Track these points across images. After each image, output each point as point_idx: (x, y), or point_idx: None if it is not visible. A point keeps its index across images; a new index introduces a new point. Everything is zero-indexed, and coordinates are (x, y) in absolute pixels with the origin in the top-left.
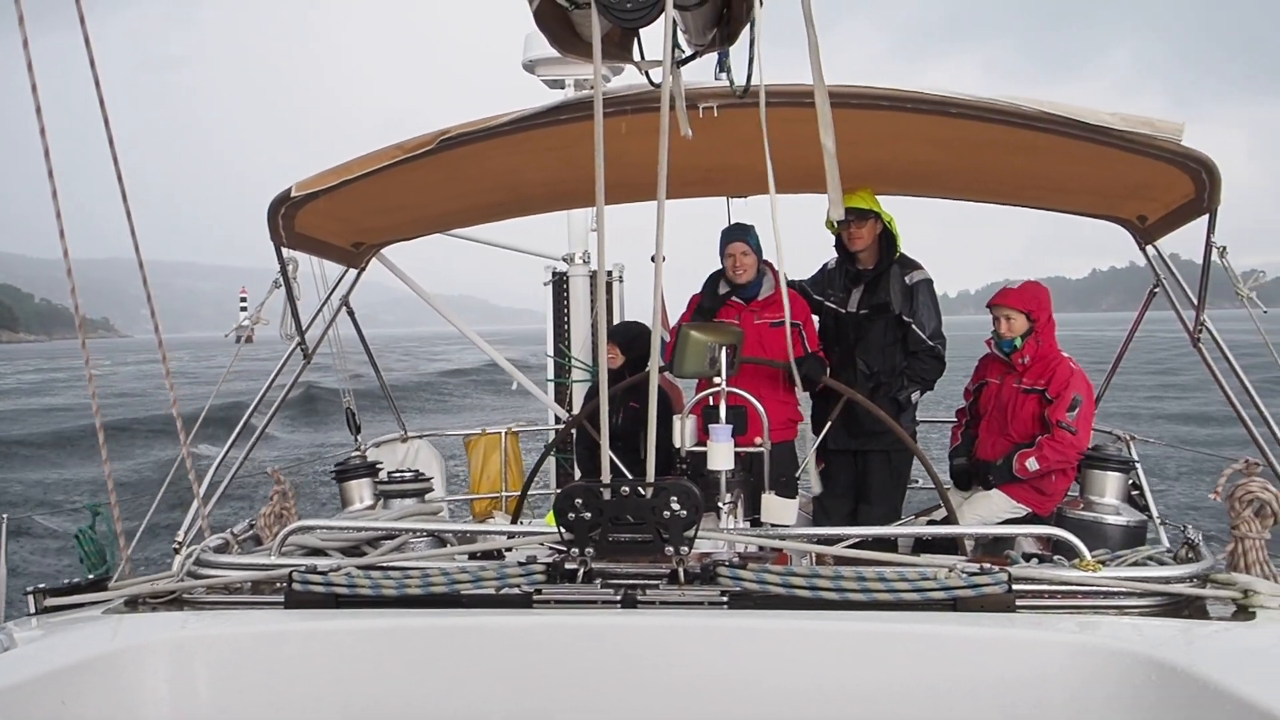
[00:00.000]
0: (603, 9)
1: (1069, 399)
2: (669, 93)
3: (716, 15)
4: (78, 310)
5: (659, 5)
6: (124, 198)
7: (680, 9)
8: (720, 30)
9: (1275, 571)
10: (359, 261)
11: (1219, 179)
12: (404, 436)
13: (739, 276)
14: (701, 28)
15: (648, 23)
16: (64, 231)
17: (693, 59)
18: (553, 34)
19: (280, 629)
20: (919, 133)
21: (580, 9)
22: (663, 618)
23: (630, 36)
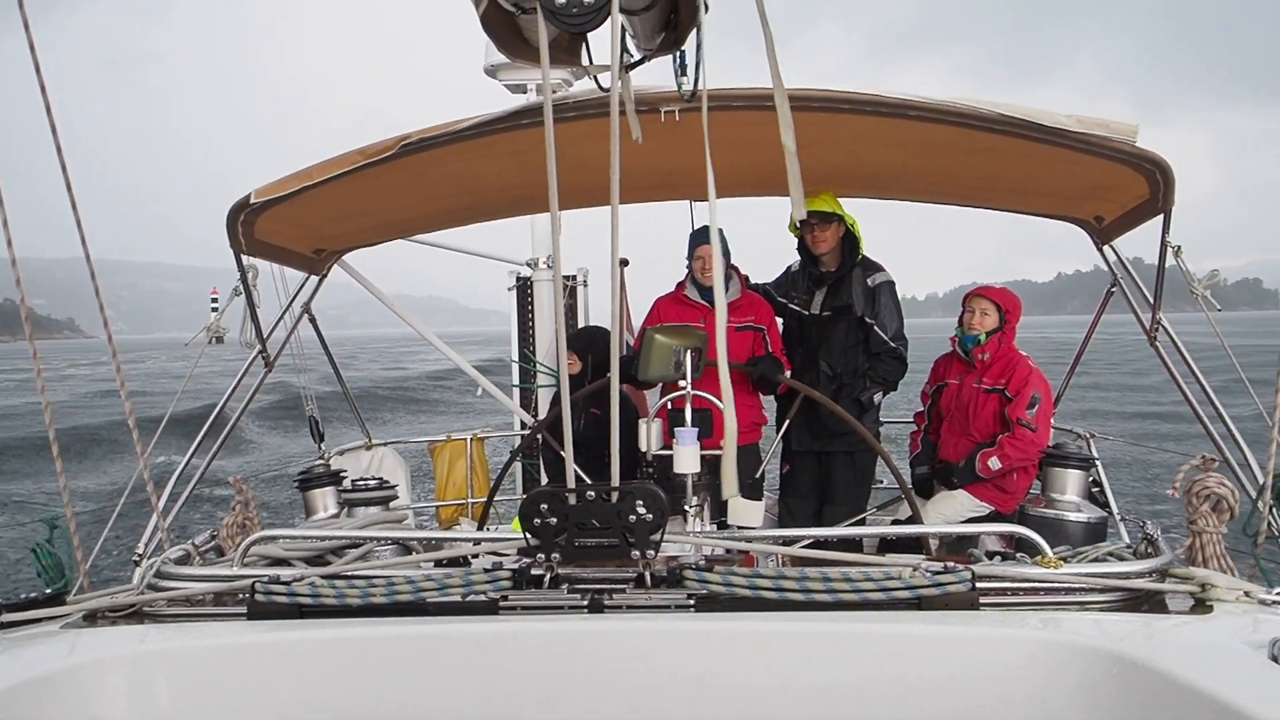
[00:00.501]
0: (548, 14)
1: (1028, 397)
2: (618, 97)
3: (664, 19)
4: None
5: (605, 9)
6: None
7: (627, 13)
8: (669, 34)
9: (1232, 566)
10: (320, 268)
11: (1173, 179)
12: (368, 444)
13: (707, 279)
14: (649, 32)
15: (594, 27)
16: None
17: (641, 63)
18: (500, 39)
19: (243, 641)
20: (879, 136)
21: (526, 14)
22: (629, 622)
23: (579, 41)
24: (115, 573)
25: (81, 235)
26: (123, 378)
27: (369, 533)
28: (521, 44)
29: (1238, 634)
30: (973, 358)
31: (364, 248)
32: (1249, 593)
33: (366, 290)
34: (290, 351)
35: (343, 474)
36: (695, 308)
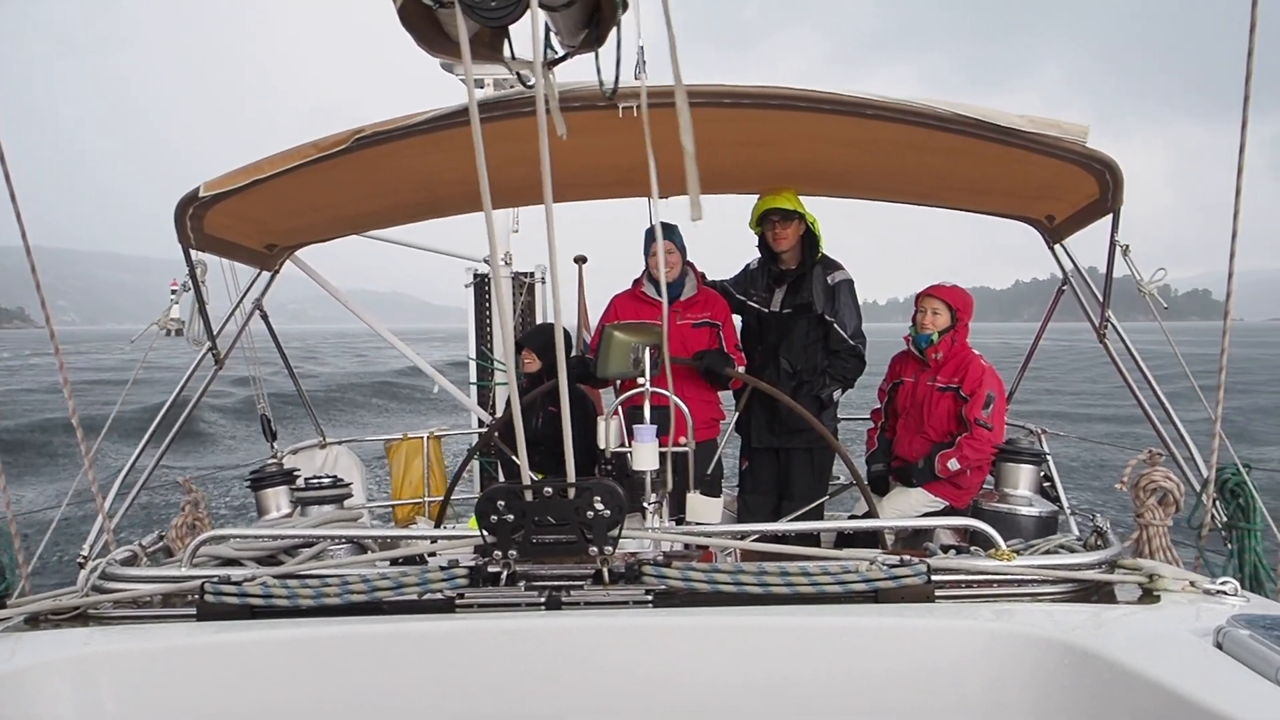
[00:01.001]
0: (466, 8)
1: (983, 397)
2: (544, 94)
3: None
4: None
5: (523, 3)
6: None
7: (547, 8)
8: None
9: (1178, 557)
10: (272, 264)
11: (1121, 179)
12: (323, 443)
13: (665, 276)
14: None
15: (512, 21)
16: None
17: (563, 60)
18: (420, 33)
19: (191, 643)
20: (837, 134)
21: (445, 8)
22: (587, 618)
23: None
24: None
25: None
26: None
27: (322, 531)
28: (443, 39)
29: (1184, 623)
30: (926, 356)
31: (318, 243)
32: (1194, 583)
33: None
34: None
35: (296, 473)
36: (653, 305)
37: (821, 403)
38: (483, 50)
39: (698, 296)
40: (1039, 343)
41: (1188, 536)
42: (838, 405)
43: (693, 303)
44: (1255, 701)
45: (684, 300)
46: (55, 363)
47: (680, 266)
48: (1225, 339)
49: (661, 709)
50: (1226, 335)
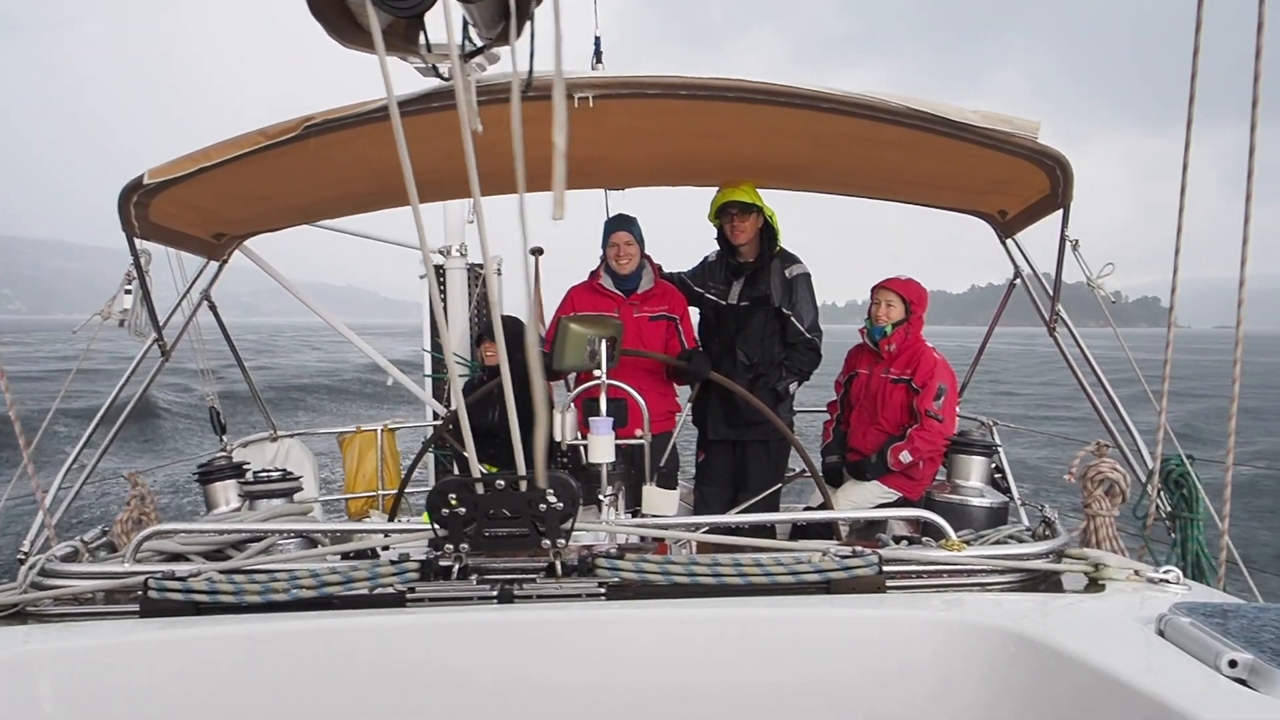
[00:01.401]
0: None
1: (934, 389)
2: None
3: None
4: None
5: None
6: None
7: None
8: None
9: (1123, 547)
10: (220, 253)
11: (1071, 175)
12: (273, 435)
13: (621, 267)
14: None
15: (423, 10)
16: None
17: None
18: (330, 23)
19: (134, 640)
20: (792, 127)
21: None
22: (539, 611)
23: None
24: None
25: None
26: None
27: (271, 525)
28: (355, 29)
29: (1128, 611)
30: (880, 348)
31: (267, 232)
32: (1138, 572)
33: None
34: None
35: (245, 466)
36: (610, 297)
37: (778, 395)
38: (397, 41)
39: (655, 290)
40: (992, 333)
41: (1135, 526)
42: (794, 398)
43: (650, 296)
44: (1193, 687)
45: (641, 293)
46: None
47: (638, 259)
48: (1170, 331)
49: (615, 701)
50: (1171, 329)
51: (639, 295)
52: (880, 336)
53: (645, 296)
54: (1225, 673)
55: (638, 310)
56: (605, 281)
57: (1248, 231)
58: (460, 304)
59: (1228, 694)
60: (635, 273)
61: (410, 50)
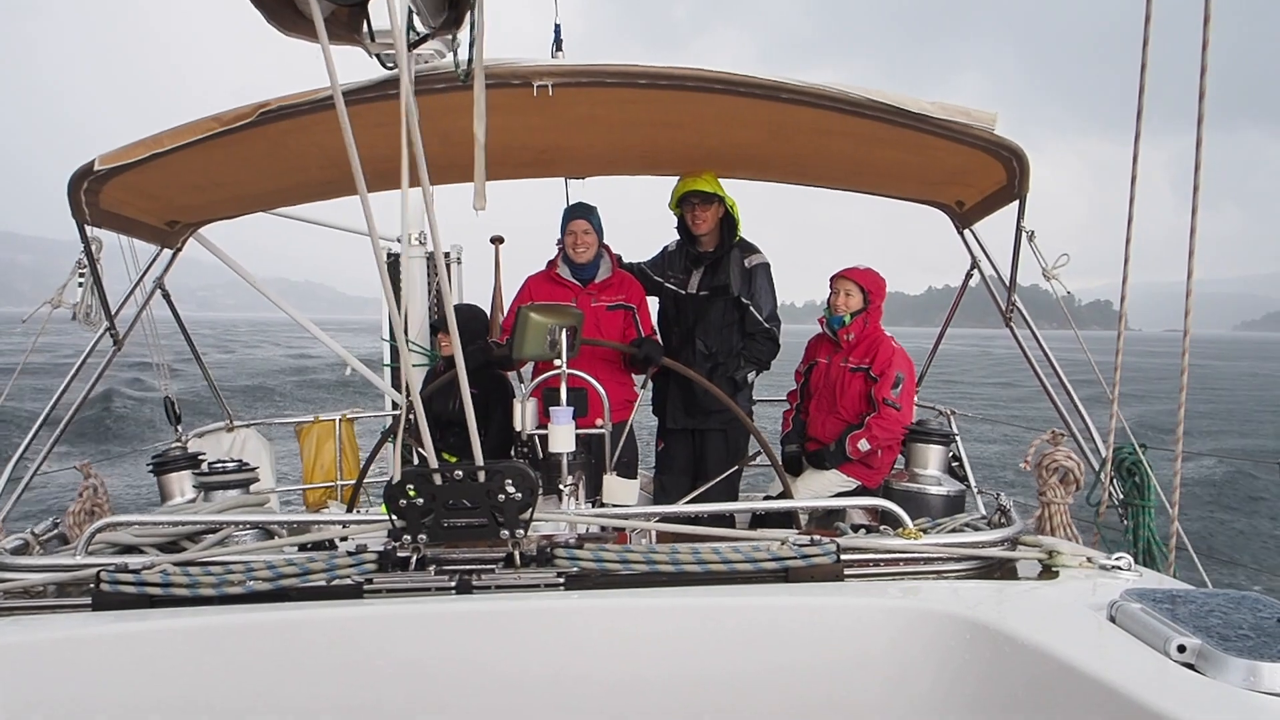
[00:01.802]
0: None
1: (892, 377)
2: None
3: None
4: None
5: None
6: None
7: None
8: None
9: (1077, 534)
10: (174, 241)
11: (1028, 166)
12: (230, 425)
13: (579, 255)
14: (434, 8)
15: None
16: None
17: (423, 41)
18: (270, 10)
19: (85, 633)
20: (753, 117)
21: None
22: (497, 602)
23: (359, 16)
24: None
25: None
26: None
27: (227, 516)
28: (294, 16)
29: (1080, 598)
30: (839, 338)
31: (222, 220)
32: (1091, 559)
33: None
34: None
35: (201, 456)
36: (567, 286)
37: (736, 384)
38: (340, 30)
39: (612, 279)
40: (949, 323)
41: (1089, 514)
42: (752, 387)
43: (607, 285)
44: (1142, 672)
45: (599, 282)
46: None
47: (596, 248)
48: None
49: (574, 691)
50: (1123, 319)
51: (596, 285)
52: (839, 326)
53: (603, 286)
54: (1174, 657)
55: (595, 299)
56: (562, 271)
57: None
58: (419, 293)
59: (1177, 678)
60: (593, 262)
61: (353, 39)
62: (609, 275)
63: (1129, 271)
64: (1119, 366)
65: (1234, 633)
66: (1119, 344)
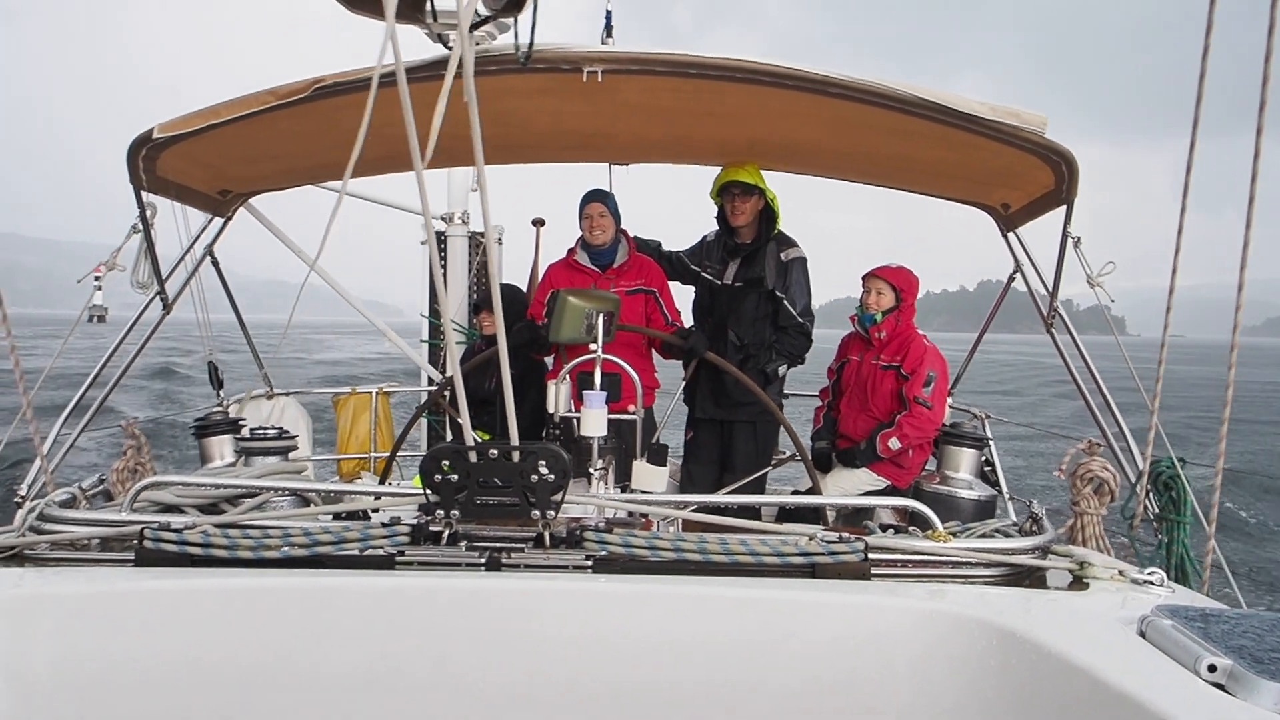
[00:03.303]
0: None
1: (924, 375)
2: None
3: None
4: None
5: None
6: None
7: None
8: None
9: (1109, 546)
10: (225, 210)
11: (1077, 172)
12: (270, 393)
13: (595, 238)
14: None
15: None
16: None
17: (485, 22)
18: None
19: (127, 588)
20: (801, 110)
21: None
22: (525, 581)
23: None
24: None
25: None
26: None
27: (266, 482)
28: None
29: (1110, 610)
30: (871, 336)
31: (272, 191)
32: (1123, 572)
33: (252, 276)
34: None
35: (241, 422)
36: (586, 272)
37: (766, 377)
38: (404, 9)
39: (630, 263)
40: (988, 328)
41: (1123, 526)
42: (783, 381)
43: (625, 269)
44: (1172, 689)
45: (616, 267)
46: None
47: (613, 231)
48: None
49: (596, 672)
50: (1166, 329)
51: (615, 269)
52: (870, 324)
53: (621, 270)
54: (1204, 677)
55: (614, 284)
56: (581, 257)
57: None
58: (460, 271)
59: (1205, 698)
60: (611, 246)
61: (416, 19)
62: (627, 259)
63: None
64: (1160, 378)
65: (1267, 655)
66: (1161, 354)
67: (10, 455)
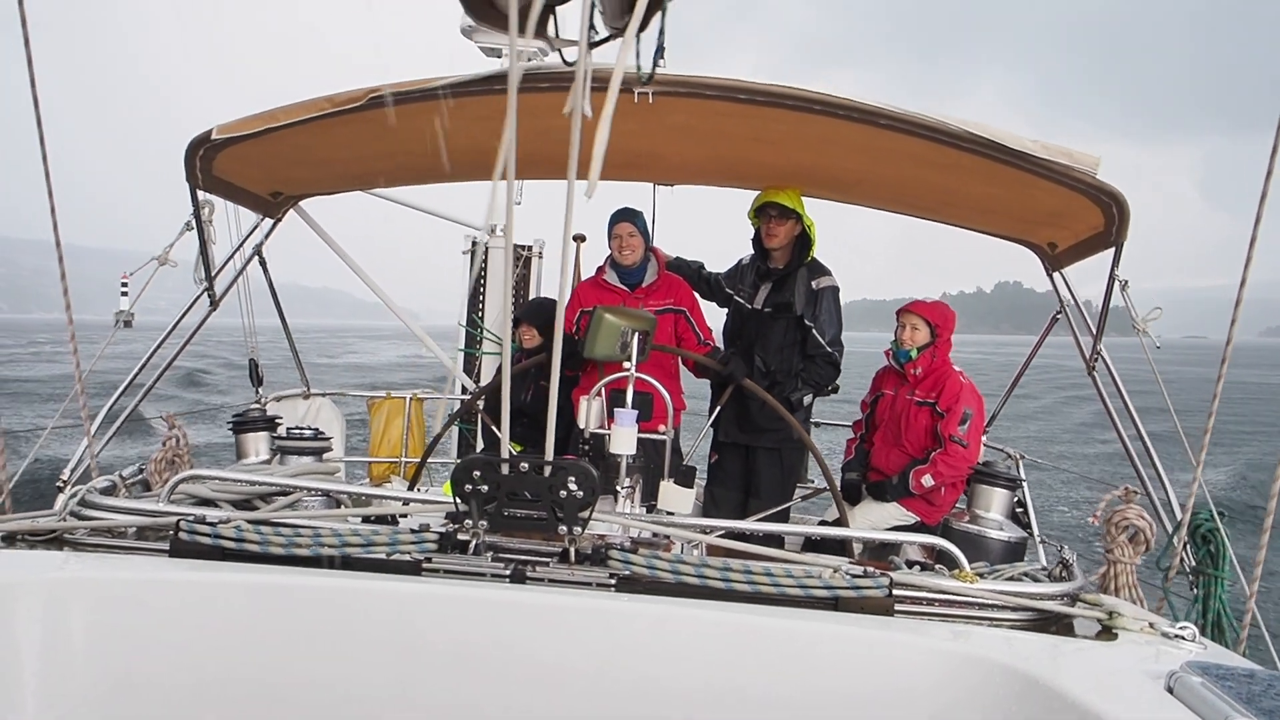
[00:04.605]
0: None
1: (959, 413)
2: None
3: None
4: None
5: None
6: None
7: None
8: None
9: (1142, 596)
10: (276, 211)
11: (1128, 214)
12: (306, 393)
13: (625, 258)
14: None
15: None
16: None
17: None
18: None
19: (162, 577)
20: (848, 140)
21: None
22: (549, 595)
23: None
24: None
25: None
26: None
27: (300, 482)
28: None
29: (1138, 663)
30: (906, 372)
31: (322, 195)
32: (1153, 624)
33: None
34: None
35: (278, 420)
36: (614, 292)
37: (791, 406)
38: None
39: (659, 282)
40: (1027, 368)
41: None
42: (810, 410)
43: (654, 289)
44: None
45: (645, 286)
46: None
47: (642, 251)
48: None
49: (614, 690)
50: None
51: (644, 289)
52: (906, 360)
53: (650, 290)
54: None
55: (643, 304)
56: (610, 276)
57: None
58: (499, 282)
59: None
60: (640, 266)
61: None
62: (656, 279)
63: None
64: (1209, 430)
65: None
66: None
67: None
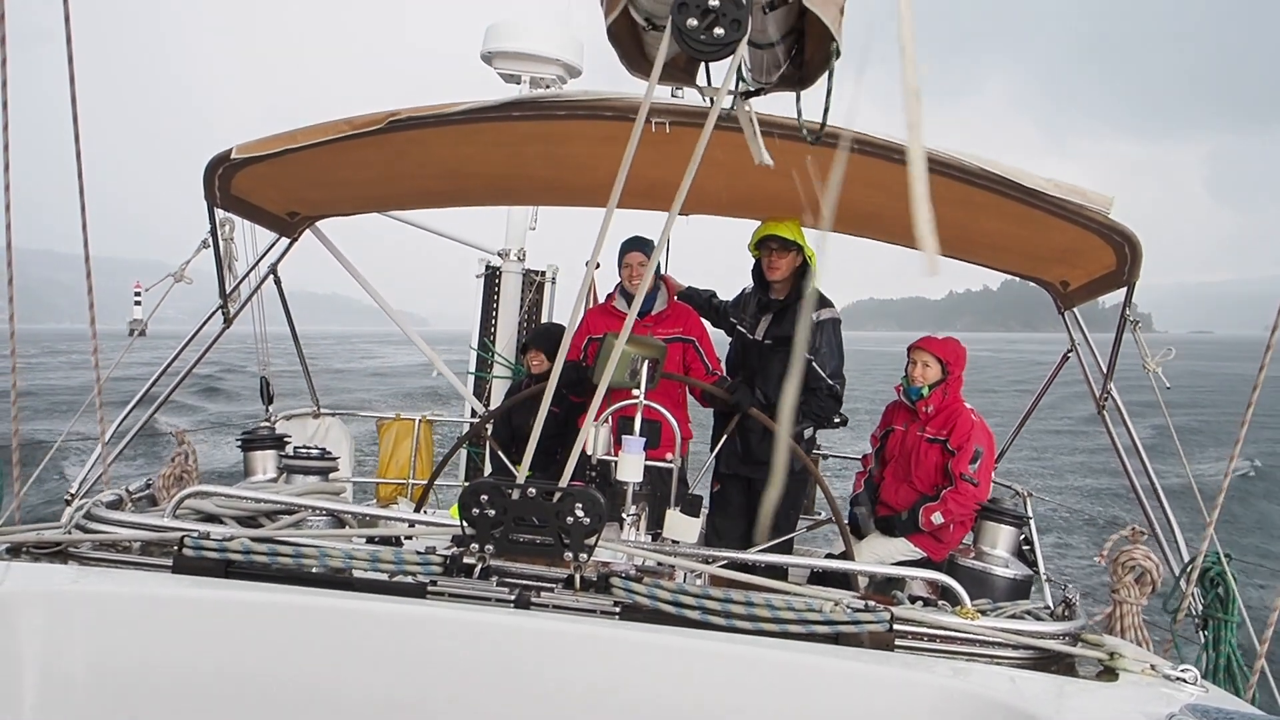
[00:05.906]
0: (679, 36)
1: (970, 451)
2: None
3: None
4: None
5: (732, 45)
6: None
7: (753, 45)
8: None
9: (1148, 638)
10: (293, 231)
11: (1140, 254)
12: (316, 412)
13: (635, 288)
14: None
15: (720, 59)
16: None
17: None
18: (624, 50)
19: (165, 593)
20: (860, 175)
21: (655, 30)
22: (552, 622)
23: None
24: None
25: None
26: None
27: (306, 500)
28: (639, 57)
29: (1138, 705)
30: (918, 409)
31: (339, 216)
32: (1154, 666)
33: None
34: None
35: (286, 439)
36: (622, 319)
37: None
38: (676, 73)
39: (669, 311)
40: (1038, 405)
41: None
42: (812, 443)
43: (664, 318)
44: None
45: (655, 314)
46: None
47: (653, 280)
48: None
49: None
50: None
51: (653, 317)
52: (917, 398)
53: (659, 318)
54: None
55: (652, 332)
56: (619, 304)
57: None
58: (511, 307)
59: None
60: (649, 295)
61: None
62: (665, 308)
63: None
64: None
65: None
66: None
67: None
